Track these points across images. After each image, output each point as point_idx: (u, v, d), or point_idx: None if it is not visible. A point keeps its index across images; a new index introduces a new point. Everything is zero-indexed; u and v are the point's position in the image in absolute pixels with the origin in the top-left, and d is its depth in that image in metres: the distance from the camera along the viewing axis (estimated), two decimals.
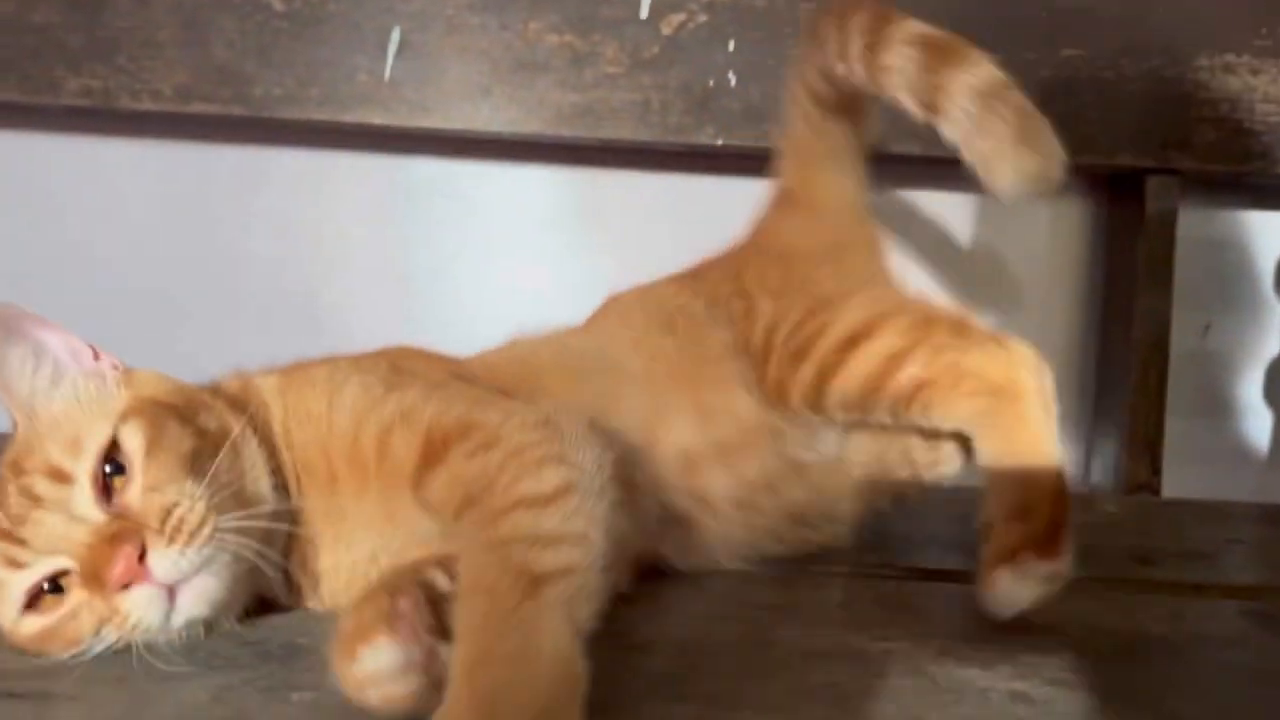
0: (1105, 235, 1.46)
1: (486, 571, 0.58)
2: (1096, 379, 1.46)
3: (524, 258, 1.45)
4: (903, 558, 0.92)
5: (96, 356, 0.78)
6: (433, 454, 0.70)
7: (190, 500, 0.68)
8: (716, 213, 1.00)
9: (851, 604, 0.80)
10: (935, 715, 0.61)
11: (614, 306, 0.98)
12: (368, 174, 1.44)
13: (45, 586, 0.70)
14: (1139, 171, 1.34)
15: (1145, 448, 1.34)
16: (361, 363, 0.82)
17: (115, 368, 0.79)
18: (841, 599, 0.81)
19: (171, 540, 0.66)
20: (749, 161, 1.11)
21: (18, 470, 0.71)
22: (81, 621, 0.69)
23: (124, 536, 0.66)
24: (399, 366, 0.82)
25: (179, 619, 0.68)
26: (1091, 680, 0.67)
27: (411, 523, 0.74)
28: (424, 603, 0.62)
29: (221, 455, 0.73)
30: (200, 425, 0.75)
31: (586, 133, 1.32)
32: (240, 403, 0.80)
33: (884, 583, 0.86)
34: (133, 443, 0.71)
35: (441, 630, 0.60)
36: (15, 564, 0.69)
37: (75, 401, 0.75)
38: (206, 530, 0.68)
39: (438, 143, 1.39)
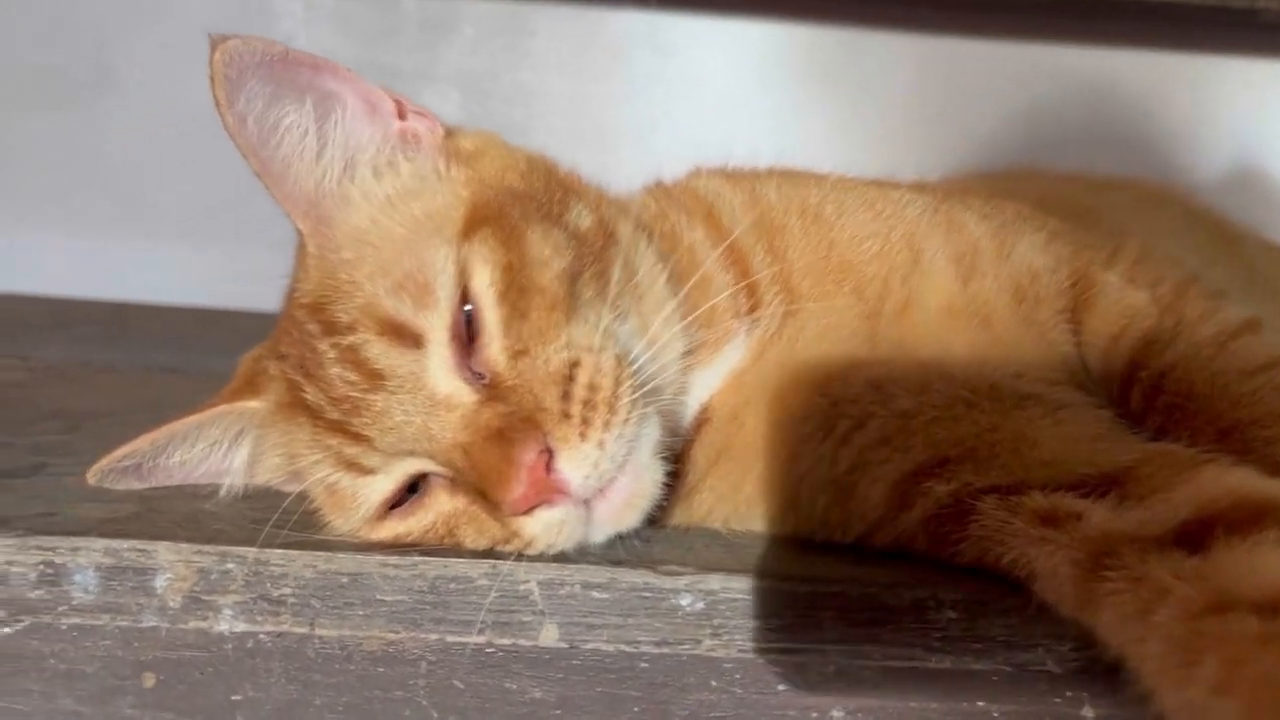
0: None
1: (1263, 395, 0.52)
2: None
3: (736, 119, 1.32)
4: None
5: (402, 114, 0.52)
6: (1086, 283, 0.59)
7: (593, 354, 0.44)
8: (950, 76, 0.88)
9: None
10: None
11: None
12: (565, 27, 1.31)
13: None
14: None
15: None
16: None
17: (433, 131, 0.53)
18: None
19: (585, 428, 0.42)
20: (984, 17, 0.98)
21: (326, 321, 0.45)
22: (459, 536, 0.46)
23: (515, 434, 0.42)
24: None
25: (600, 534, 0.46)
26: None
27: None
28: None
29: (615, 271, 0.48)
30: (573, 224, 0.50)
31: None
32: (633, 206, 0.60)
33: None
34: (480, 278, 0.45)
35: None
36: (357, 468, 0.45)
37: (391, 201, 0.48)
38: (626, 398, 0.43)
39: None
